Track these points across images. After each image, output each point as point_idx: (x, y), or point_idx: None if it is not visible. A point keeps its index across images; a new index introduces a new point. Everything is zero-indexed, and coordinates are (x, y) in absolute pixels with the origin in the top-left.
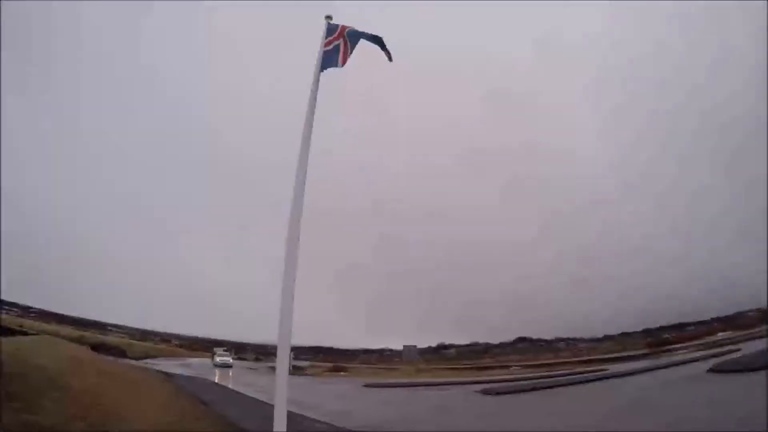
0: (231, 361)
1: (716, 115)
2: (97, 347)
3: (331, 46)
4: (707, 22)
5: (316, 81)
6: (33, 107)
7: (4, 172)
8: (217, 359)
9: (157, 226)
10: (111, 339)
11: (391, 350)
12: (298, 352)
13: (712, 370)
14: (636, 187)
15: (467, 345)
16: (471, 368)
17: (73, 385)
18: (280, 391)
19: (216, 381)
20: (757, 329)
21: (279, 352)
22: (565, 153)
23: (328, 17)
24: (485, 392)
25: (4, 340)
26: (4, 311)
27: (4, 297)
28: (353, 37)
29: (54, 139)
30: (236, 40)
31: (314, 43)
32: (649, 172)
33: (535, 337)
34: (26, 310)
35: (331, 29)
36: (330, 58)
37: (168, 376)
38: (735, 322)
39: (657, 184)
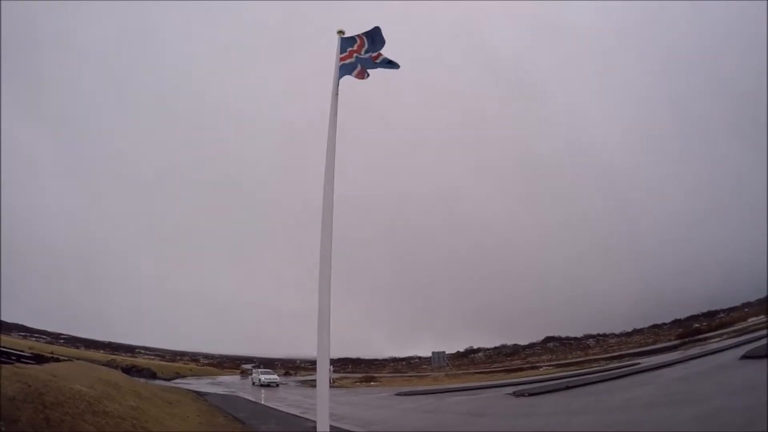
0: (278, 378)
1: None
2: (129, 370)
3: (347, 61)
4: None
5: (335, 94)
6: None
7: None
8: (262, 378)
9: (179, 247)
10: (141, 361)
11: (419, 357)
12: None
13: (745, 357)
14: (657, 173)
15: (496, 347)
16: (501, 371)
17: (112, 409)
18: (322, 391)
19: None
20: None
21: (318, 355)
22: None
23: (341, 32)
24: (517, 394)
25: (38, 367)
26: (34, 338)
27: (32, 325)
28: (366, 63)
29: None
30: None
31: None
32: (671, 158)
33: (563, 335)
34: (56, 337)
35: (344, 45)
36: (346, 68)
37: (200, 395)
38: (766, 305)
39: (679, 168)
